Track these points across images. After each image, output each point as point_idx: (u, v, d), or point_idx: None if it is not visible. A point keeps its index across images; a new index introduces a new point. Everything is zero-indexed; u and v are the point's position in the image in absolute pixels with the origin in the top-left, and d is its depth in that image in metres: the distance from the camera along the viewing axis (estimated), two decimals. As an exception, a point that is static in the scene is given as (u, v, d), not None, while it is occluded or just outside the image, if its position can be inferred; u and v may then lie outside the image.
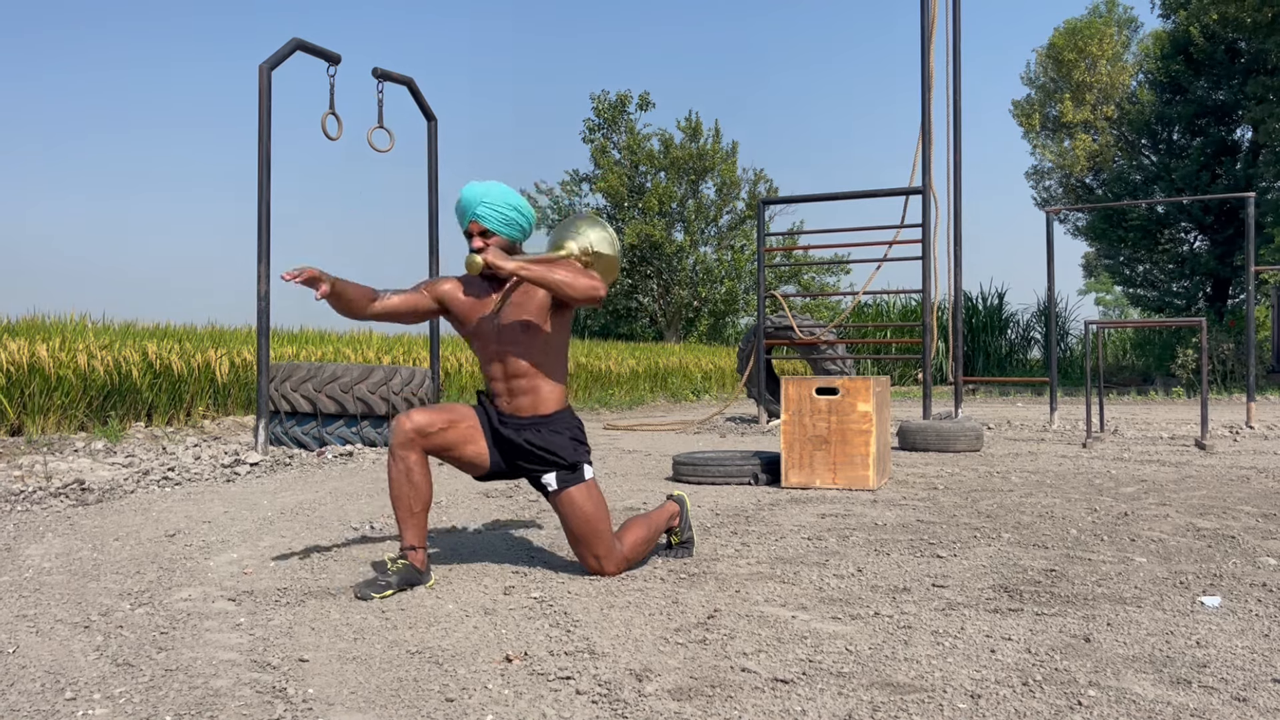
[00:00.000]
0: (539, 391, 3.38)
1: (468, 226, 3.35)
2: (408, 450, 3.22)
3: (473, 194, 3.35)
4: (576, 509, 3.34)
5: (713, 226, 30.92)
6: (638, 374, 17.21)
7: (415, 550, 3.23)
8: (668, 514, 3.68)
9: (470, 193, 3.36)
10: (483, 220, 3.32)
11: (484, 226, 3.32)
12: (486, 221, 3.32)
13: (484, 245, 3.31)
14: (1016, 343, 24.86)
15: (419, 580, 3.21)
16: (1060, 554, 3.68)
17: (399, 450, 3.22)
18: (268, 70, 7.35)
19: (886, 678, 2.30)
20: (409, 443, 3.22)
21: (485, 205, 3.32)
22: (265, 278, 7.33)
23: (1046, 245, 10.74)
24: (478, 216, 3.33)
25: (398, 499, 3.22)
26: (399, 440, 3.22)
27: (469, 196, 3.35)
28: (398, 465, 3.22)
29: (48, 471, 6.07)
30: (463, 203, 3.36)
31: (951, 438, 7.55)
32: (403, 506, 3.22)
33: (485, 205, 3.32)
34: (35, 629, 2.74)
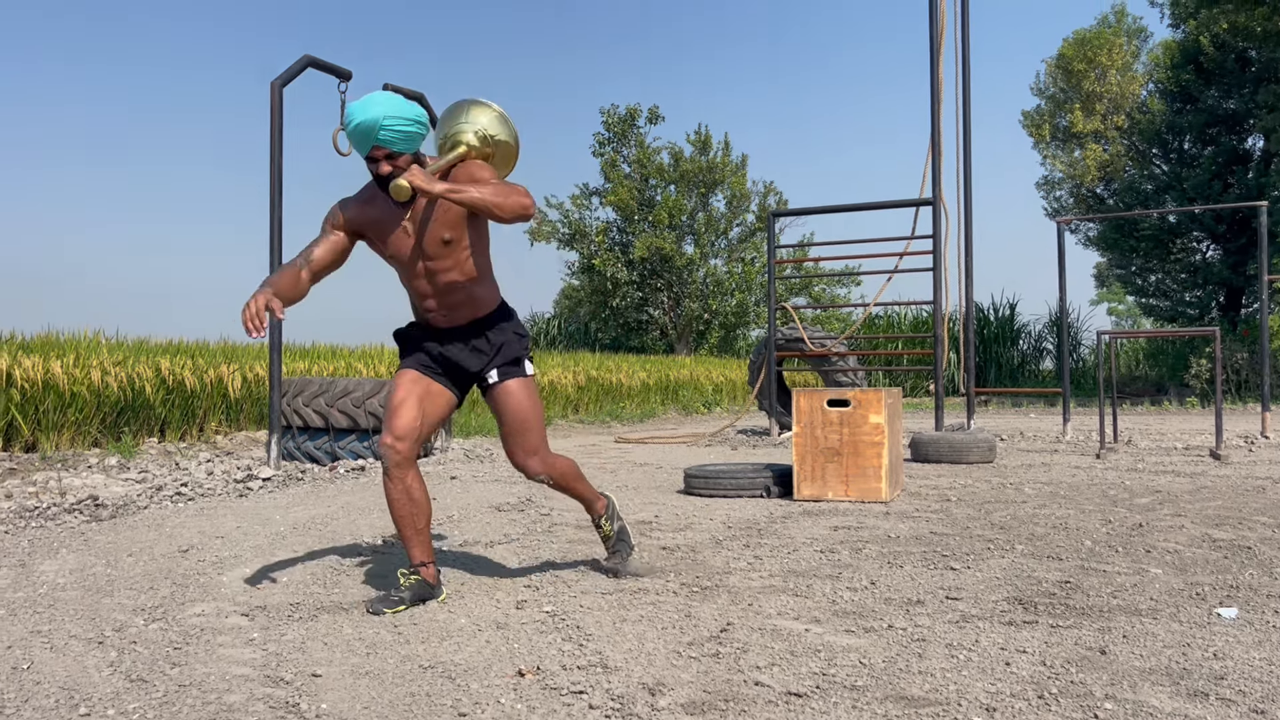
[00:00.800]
0: (475, 298, 3.25)
1: (370, 152, 3.02)
2: (404, 470, 3.20)
3: (368, 116, 2.97)
4: (514, 400, 3.26)
5: (723, 239, 30.93)
6: (649, 386, 17.21)
7: (426, 566, 3.23)
8: (597, 492, 3.66)
9: (364, 115, 2.97)
10: (388, 144, 3.01)
11: (388, 150, 3.03)
12: (392, 145, 3.02)
13: (392, 168, 3.04)
14: (1028, 353, 24.78)
15: (431, 595, 3.21)
16: (1075, 565, 3.66)
17: (395, 471, 3.19)
18: (279, 88, 7.40)
19: (901, 691, 2.29)
20: (403, 461, 3.19)
21: (387, 128, 2.98)
22: (277, 293, 7.35)
23: (1058, 255, 10.71)
24: (382, 141, 3.00)
25: (401, 518, 3.21)
26: (393, 461, 3.18)
27: (365, 120, 2.96)
28: (396, 486, 3.19)
29: (62, 488, 6.10)
30: (359, 127, 2.97)
31: (964, 449, 7.52)
32: (407, 525, 3.21)
33: (387, 128, 2.98)
34: (50, 645, 2.75)
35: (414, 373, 3.27)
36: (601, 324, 31.53)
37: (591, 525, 3.92)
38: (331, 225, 3.19)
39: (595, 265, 29.64)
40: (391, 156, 3.04)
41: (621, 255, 29.86)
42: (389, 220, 3.15)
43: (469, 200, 3.01)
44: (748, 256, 30.47)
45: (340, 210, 3.19)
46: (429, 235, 3.14)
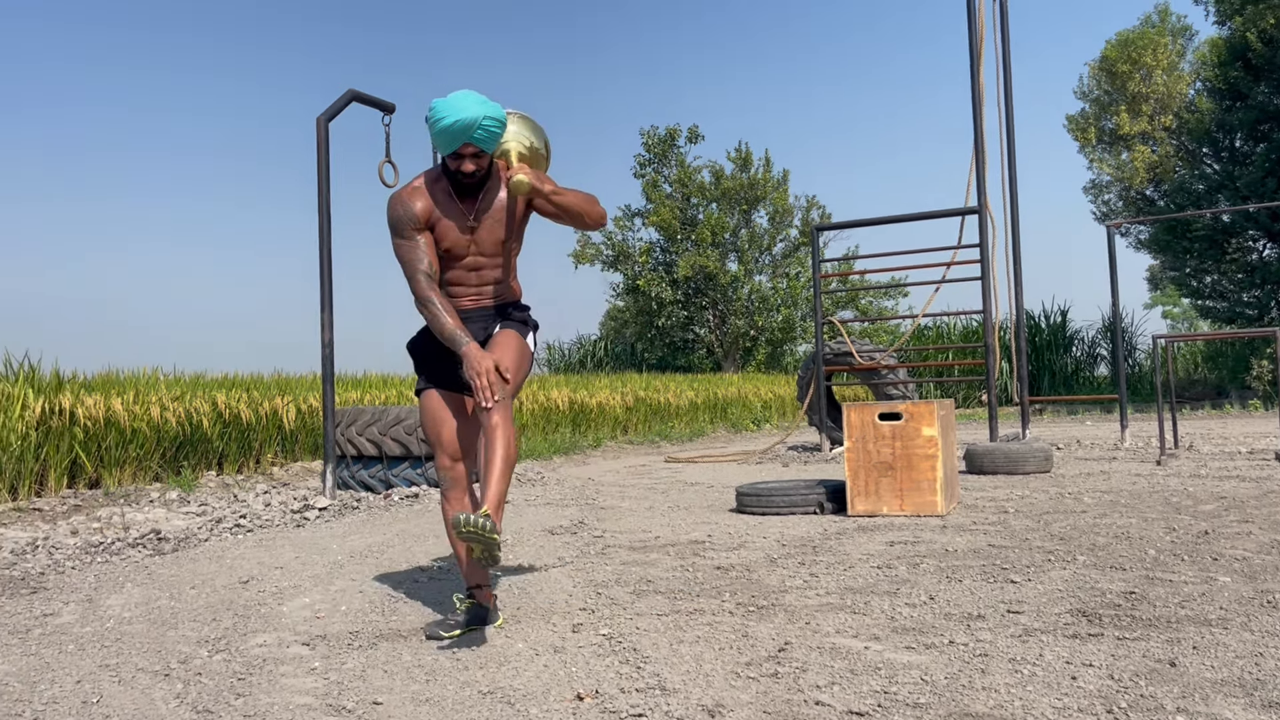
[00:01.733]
0: (505, 290, 3.33)
1: (459, 149, 3.02)
2: (461, 490, 3.27)
3: (468, 115, 2.96)
4: (505, 338, 3.21)
5: (767, 255, 30.88)
6: (697, 405, 17.18)
7: (481, 589, 3.25)
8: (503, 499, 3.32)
9: (462, 113, 2.96)
10: (480, 143, 3.02)
11: (478, 149, 3.03)
12: (483, 145, 3.02)
13: (475, 168, 3.07)
14: (1082, 360, 24.37)
15: (487, 619, 3.22)
16: (1139, 575, 3.58)
17: (452, 492, 3.26)
18: (325, 123, 7.53)
19: (964, 708, 2.25)
20: (460, 480, 3.26)
21: (484, 128, 2.99)
22: (329, 325, 7.47)
23: (1109, 260, 10.55)
24: (476, 140, 3.00)
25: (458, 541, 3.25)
26: (451, 482, 3.25)
27: (464, 118, 2.96)
28: (454, 507, 3.25)
29: (125, 522, 6.22)
30: (457, 125, 2.96)
31: (1020, 459, 7.41)
32: (464, 547, 3.25)
33: (484, 128, 2.99)
34: (117, 678, 2.80)
35: (436, 392, 3.30)
36: (648, 344, 31.57)
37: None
38: (414, 229, 3.13)
39: (640, 286, 29.72)
40: (478, 156, 3.06)
41: (665, 275, 29.92)
42: (451, 215, 3.16)
43: (568, 203, 3.14)
44: (792, 271, 30.38)
45: (412, 209, 3.13)
46: (489, 234, 3.21)
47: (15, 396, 7.37)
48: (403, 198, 3.15)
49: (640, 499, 6.76)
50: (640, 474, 8.86)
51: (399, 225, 3.14)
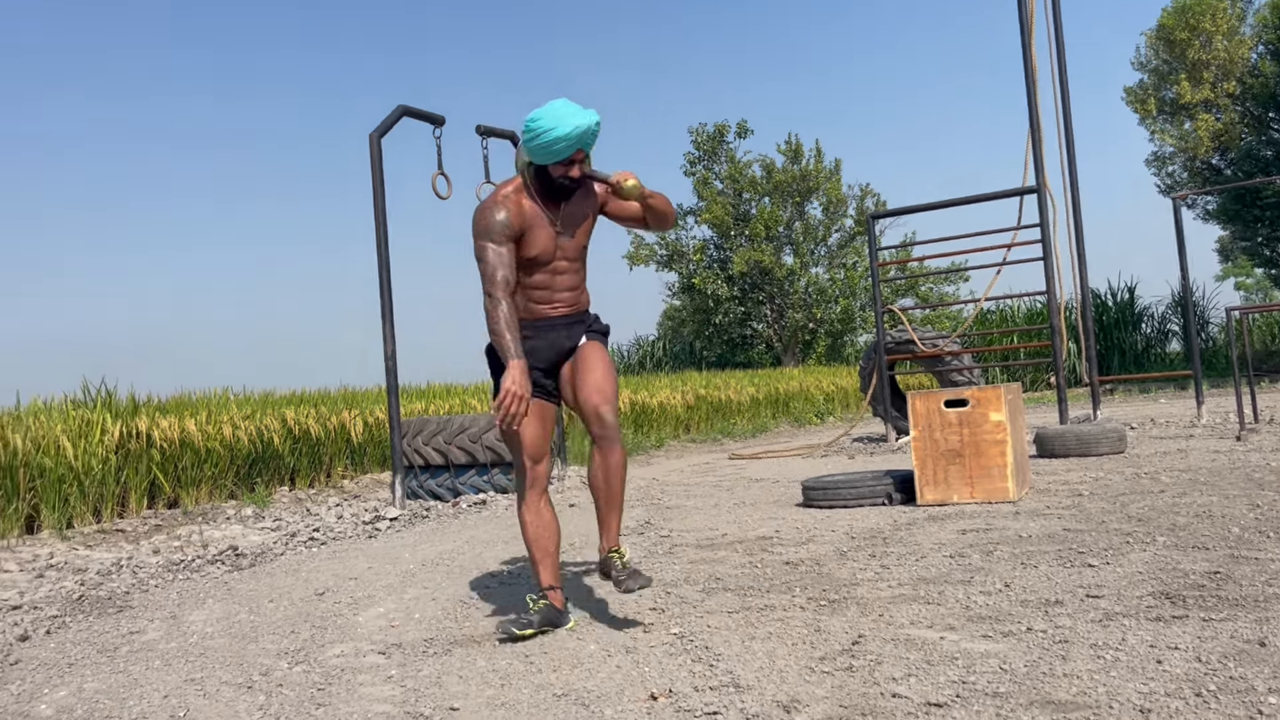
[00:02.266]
0: (583, 295, 3.46)
1: (572, 155, 3.19)
2: (541, 493, 3.31)
3: (588, 120, 3.17)
4: (599, 351, 3.37)
5: (822, 246, 30.63)
6: (758, 401, 17.09)
7: (554, 590, 3.27)
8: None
9: (583, 119, 3.16)
10: (589, 148, 3.25)
11: (586, 153, 3.25)
12: (590, 148, 3.26)
13: (580, 173, 3.25)
14: (1153, 337, 23.77)
15: (559, 620, 3.24)
16: (1223, 554, 3.48)
17: (531, 495, 3.30)
18: (377, 139, 7.64)
19: (1046, 696, 2.21)
20: (541, 482, 3.30)
21: (594, 133, 3.22)
22: (390, 338, 7.57)
23: (1176, 233, 10.28)
24: (588, 145, 3.23)
25: (534, 542, 3.28)
26: (532, 484, 3.29)
27: (585, 124, 3.16)
28: (531, 510, 3.29)
29: (204, 540, 6.37)
30: (573, 132, 3.13)
31: (1092, 441, 7.25)
32: (539, 548, 3.28)
33: (594, 133, 3.22)
34: (203, 692, 2.87)
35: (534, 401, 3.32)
36: (706, 342, 31.50)
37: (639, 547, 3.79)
38: (506, 237, 3.22)
39: (695, 284, 29.67)
40: (585, 160, 3.25)
41: (720, 272, 29.84)
42: (540, 223, 3.28)
43: (659, 205, 3.32)
44: (849, 261, 30.10)
45: (506, 218, 3.22)
46: (573, 240, 3.36)
47: (95, 422, 7.58)
48: (496, 205, 3.25)
49: (705, 497, 6.74)
50: (704, 472, 8.85)
51: (489, 231, 3.23)
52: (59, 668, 3.26)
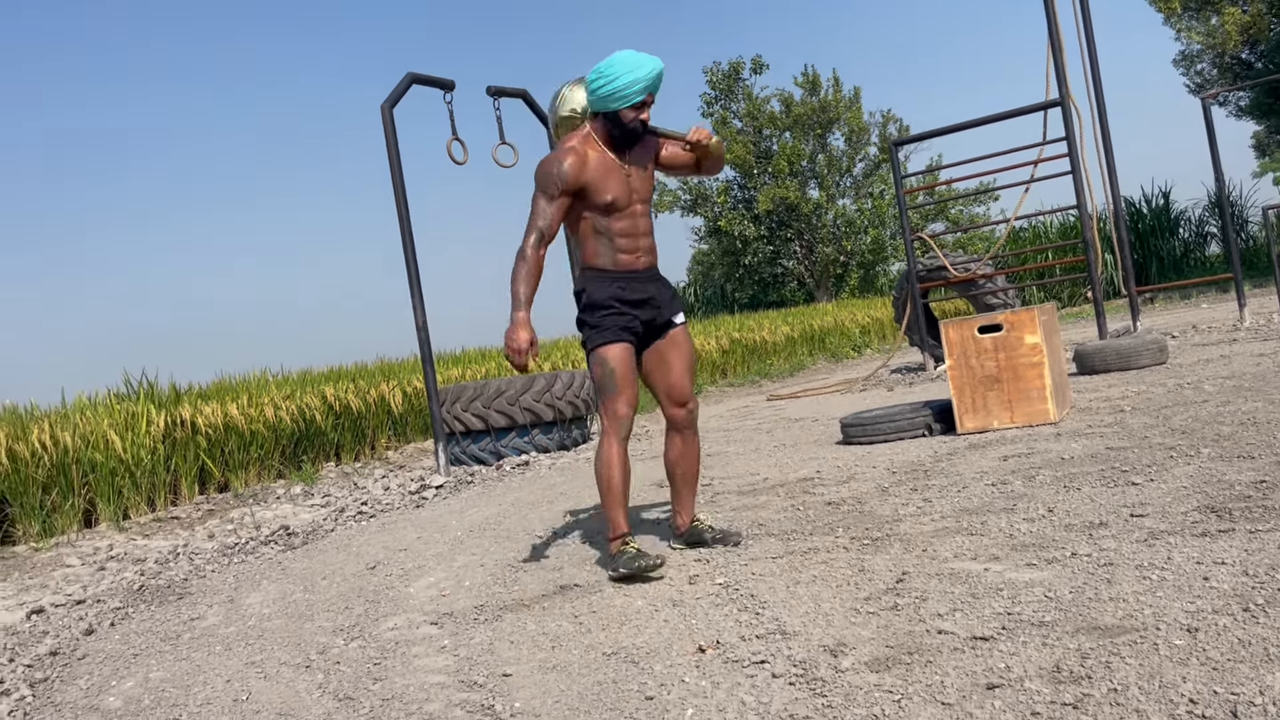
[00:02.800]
0: (655, 244, 3.60)
1: (644, 99, 3.37)
2: (626, 437, 3.41)
3: (652, 64, 3.35)
4: (688, 342, 3.59)
5: (847, 177, 30.25)
6: (793, 340, 17.02)
7: (630, 536, 3.40)
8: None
9: (651, 65, 3.34)
10: (656, 91, 3.41)
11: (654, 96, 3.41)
12: (657, 92, 3.42)
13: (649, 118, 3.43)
14: (1191, 242, 23.29)
15: (654, 562, 3.33)
16: (1270, 463, 3.44)
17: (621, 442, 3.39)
18: (389, 109, 7.61)
19: (1092, 621, 2.21)
20: (625, 426, 3.40)
21: (660, 77, 3.38)
22: (420, 309, 7.60)
23: (1207, 133, 10.03)
24: (656, 89, 3.40)
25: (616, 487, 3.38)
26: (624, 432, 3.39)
27: (651, 68, 3.34)
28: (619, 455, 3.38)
29: (256, 521, 6.49)
30: (647, 75, 3.33)
31: (1133, 354, 7.16)
32: (619, 493, 3.40)
33: (660, 77, 3.38)
34: (263, 674, 2.94)
35: (623, 346, 3.42)
36: (737, 284, 31.35)
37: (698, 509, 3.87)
38: (560, 190, 3.36)
39: (721, 226, 29.47)
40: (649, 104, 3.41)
41: (746, 211, 29.59)
42: (611, 171, 3.42)
43: (721, 152, 3.58)
44: (876, 190, 29.72)
45: (565, 170, 3.35)
46: (643, 184, 3.51)
47: (140, 414, 7.72)
48: (558, 158, 3.39)
49: (745, 441, 6.75)
50: (743, 416, 8.85)
51: (546, 181, 3.37)
52: (124, 659, 3.36)
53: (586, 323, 3.46)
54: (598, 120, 3.45)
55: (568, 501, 5.25)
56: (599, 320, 3.42)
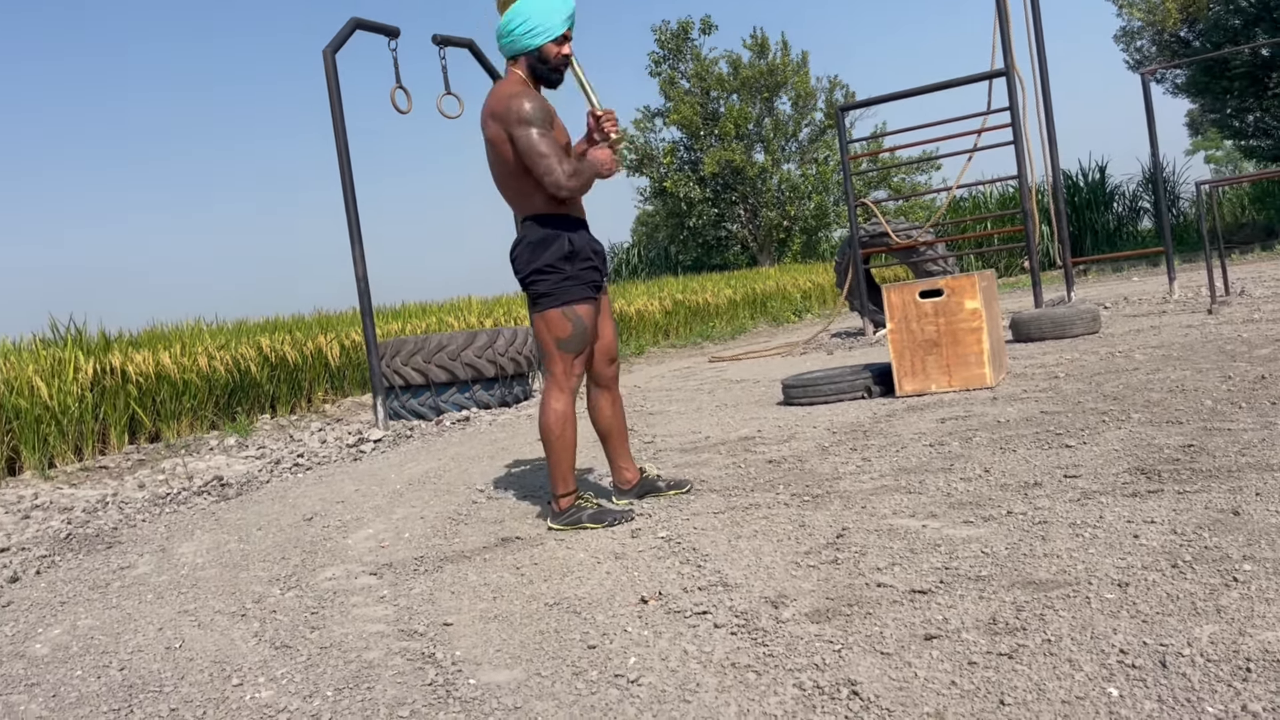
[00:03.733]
0: None
1: (565, 31, 3.34)
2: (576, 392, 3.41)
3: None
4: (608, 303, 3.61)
5: (793, 142, 30.32)
6: (736, 303, 17.10)
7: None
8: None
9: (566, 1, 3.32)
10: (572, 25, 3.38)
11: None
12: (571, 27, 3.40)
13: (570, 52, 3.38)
14: (1125, 215, 23.80)
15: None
16: (1197, 428, 3.54)
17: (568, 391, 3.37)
18: (331, 54, 7.42)
19: (1027, 576, 2.25)
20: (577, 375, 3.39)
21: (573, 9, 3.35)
22: (360, 260, 7.47)
23: (1145, 109, 10.20)
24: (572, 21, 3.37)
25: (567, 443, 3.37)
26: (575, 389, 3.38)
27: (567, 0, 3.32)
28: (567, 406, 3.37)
29: (189, 472, 6.37)
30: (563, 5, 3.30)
31: (1067, 323, 7.30)
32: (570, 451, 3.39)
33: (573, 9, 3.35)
34: (197, 622, 2.89)
35: (593, 304, 3.37)
36: (681, 246, 31.35)
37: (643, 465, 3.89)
38: (548, 123, 3.27)
39: (667, 188, 29.39)
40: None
41: (692, 173, 29.54)
42: (556, 114, 3.37)
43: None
44: (821, 156, 29.84)
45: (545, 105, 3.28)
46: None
47: (67, 360, 7.50)
48: (530, 94, 3.27)
49: (687, 401, 6.78)
50: (685, 376, 8.88)
51: (536, 118, 3.23)
52: (51, 607, 3.28)
53: (556, 273, 3.27)
54: (521, 64, 3.36)
55: (509, 456, 5.23)
56: (574, 272, 3.29)
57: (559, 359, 3.33)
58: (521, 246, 3.34)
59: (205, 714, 2.16)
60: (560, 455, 3.35)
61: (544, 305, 3.30)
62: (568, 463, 3.36)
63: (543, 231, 3.29)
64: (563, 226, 3.31)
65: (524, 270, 3.33)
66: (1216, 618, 1.87)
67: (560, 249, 3.28)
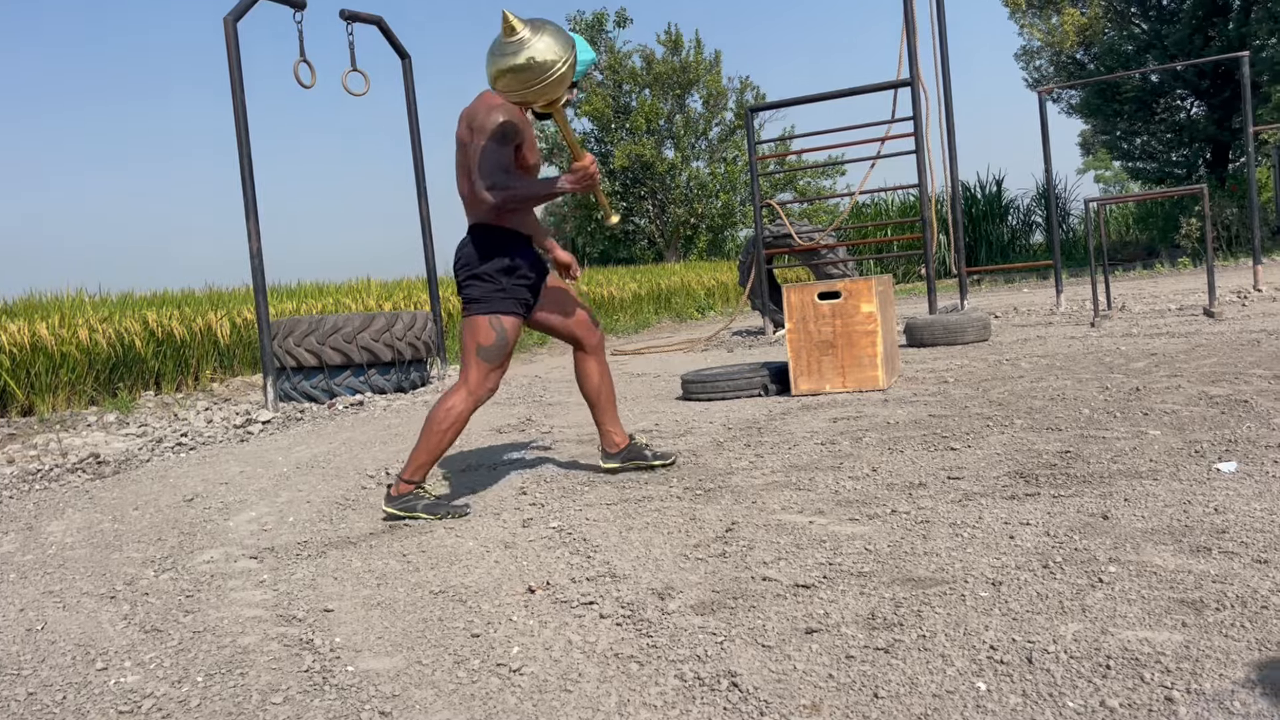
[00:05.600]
0: None
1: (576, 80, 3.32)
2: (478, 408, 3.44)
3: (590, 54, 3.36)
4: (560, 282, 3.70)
5: (703, 140, 30.54)
6: (640, 297, 17.15)
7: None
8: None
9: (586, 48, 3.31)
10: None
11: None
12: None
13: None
14: (1018, 229, 24.62)
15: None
16: (1074, 435, 3.67)
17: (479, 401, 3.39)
18: (233, 22, 7.19)
19: (907, 573, 2.31)
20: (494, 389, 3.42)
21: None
22: (255, 235, 7.26)
23: (1041, 126, 10.57)
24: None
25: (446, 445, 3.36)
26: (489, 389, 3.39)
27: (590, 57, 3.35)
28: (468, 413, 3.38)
29: (63, 448, 6.10)
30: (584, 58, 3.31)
31: (959, 330, 7.52)
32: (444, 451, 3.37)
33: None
34: (62, 604, 2.77)
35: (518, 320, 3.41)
36: (588, 238, 31.31)
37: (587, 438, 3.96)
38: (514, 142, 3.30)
39: (576, 179, 29.25)
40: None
41: (602, 166, 29.50)
42: (530, 131, 3.41)
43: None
44: (729, 156, 30.12)
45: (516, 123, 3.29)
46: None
47: (-66, 328, 7.13)
48: (509, 109, 3.26)
49: (586, 392, 6.76)
50: (586, 367, 8.85)
51: (507, 132, 3.27)
52: (-96, 586, 3.10)
53: (491, 282, 3.32)
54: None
55: (402, 443, 5.15)
56: (509, 285, 3.35)
57: (475, 365, 3.36)
58: (466, 250, 3.40)
59: (65, 698, 2.07)
60: (432, 447, 3.33)
61: (473, 310, 3.36)
62: (433, 457, 3.34)
63: (488, 240, 3.35)
64: (507, 240, 3.37)
65: (462, 273, 3.39)
66: (1082, 616, 1.94)
67: (500, 261, 3.35)
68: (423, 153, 9.04)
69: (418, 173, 9.02)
